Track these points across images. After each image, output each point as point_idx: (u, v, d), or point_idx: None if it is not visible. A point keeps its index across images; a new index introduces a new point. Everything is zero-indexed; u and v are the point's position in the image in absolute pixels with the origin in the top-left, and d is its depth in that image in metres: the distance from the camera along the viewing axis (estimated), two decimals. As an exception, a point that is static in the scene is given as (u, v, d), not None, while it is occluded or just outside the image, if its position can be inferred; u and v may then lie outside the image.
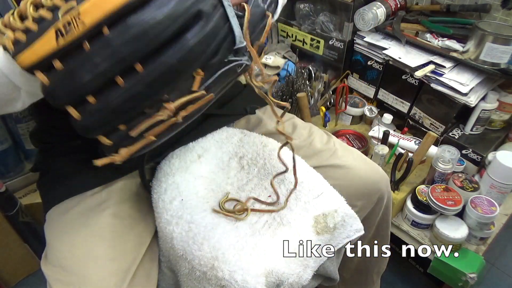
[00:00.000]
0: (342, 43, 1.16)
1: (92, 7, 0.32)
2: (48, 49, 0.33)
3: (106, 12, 0.32)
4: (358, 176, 0.66)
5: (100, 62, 0.33)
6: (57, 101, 0.36)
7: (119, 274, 0.51)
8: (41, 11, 0.34)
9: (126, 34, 0.33)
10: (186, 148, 0.67)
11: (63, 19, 0.33)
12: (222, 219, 0.59)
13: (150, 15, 0.32)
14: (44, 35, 0.33)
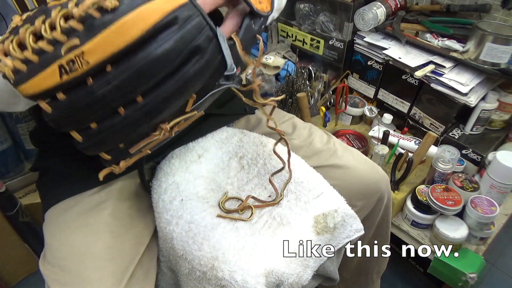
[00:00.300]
0: (342, 43, 1.16)
1: (96, 47, 0.33)
2: (51, 83, 0.34)
3: (110, 53, 0.33)
4: (358, 176, 0.66)
5: (103, 96, 0.35)
6: (59, 128, 0.38)
7: (117, 275, 0.51)
8: (40, 43, 0.34)
9: (129, 72, 0.34)
10: (186, 148, 0.67)
11: (66, 56, 0.33)
12: (222, 219, 0.59)
13: (152, 52, 0.34)
14: (47, 69, 0.34)
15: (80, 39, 0.33)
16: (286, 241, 0.56)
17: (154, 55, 0.34)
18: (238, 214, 0.60)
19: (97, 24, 0.32)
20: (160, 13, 0.33)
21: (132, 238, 0.56)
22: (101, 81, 0.34)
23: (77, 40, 0.33)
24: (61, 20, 0.33)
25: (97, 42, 0.33)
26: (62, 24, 0.33)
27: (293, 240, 0.56)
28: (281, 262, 0.54)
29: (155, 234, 0.62)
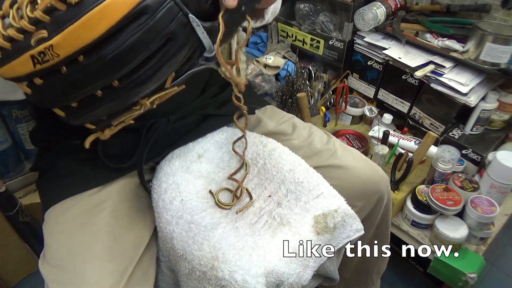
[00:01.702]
0: (342, 43, 1.16)
1: (65, 41, 0.33)
2: (25, 70, 0.35)
3: (78, 47, 0.34)
4: (358, 176, 0.66)
5: (77, 81, 0.36)
6: (41, 106, 0.40)
7: (116, 275, 0.51)
8: (10, 31, 0.34)
9: (101, 62, 0.35)
10: (186, 148, 0.67)
11: (37, 48, 0.34)
12: (222, 219, 0.59)
13: (121, 45, 0.34)
14: (20, 58, 0.34)
15: (48, 31, 0.33)
16: (286, 241, 0.56)
17: (123, 48, 0.34)
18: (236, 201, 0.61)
19: (63, 17, 0.33)
20: (128, 6, 0.33)
21: (132, 239, 0.56)
22: (74, 69, 0.35)
23: (45, 32, 0.33)
24: (27, 8, 0.33)
25: (64, 36, 0.33)
26: (29, 14, 0.33)
27: (293, 240, 0.56)
28: (281, 262, 0.54)
29: (155, 234, 0.62)
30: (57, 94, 0.38)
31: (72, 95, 0.38)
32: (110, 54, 0.34)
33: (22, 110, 0.97)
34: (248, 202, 0.62)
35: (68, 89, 0.37)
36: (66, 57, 0.34)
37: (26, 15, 0.33)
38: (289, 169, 0.64)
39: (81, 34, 0.33)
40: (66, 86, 0.36)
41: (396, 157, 0.97)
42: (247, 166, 0.66)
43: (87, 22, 0.32)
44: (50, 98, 0.38)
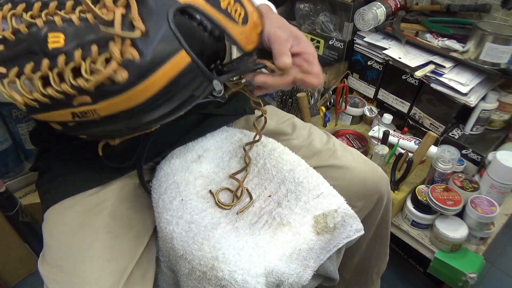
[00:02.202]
0: (342, 43, 1.16)
1: (107, 107, 0.37)
2: (63, 119, 0.38)
3: (118, 111, 0.37)
4: (357, 176, 0.66)
5: (104, 124, 0.39)
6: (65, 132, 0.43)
7: (116, 275, 0.51)
8: (50, 90, 0.35)
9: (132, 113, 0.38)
10: (186, 148, 0.67)
11: (79, 108, 0.36)
12: (222, 219, 0.59)
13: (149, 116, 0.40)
14: (61, 111, 0.37)
15: (92, 98, 0.36)
16: (286, 241, 0.56)
17: (151, 118, 0.40)
18: (236, 201, 0.61)
19: (109, 91, 0.35)
20: (164, 82, 0.37)
21: (131, 239, 0.56)
22: (107, 121, 0.39)
23: (88, 98, 0.35)
24: (70, 74, 0.35)
25: (109, 104, 0.36)
26: (72, 82, 0.35)
27: (293, 240, 0.56)
28: (281, 262, 0.54)
29: (154, 234, 0.62)
30: (83, 130, 0.41)
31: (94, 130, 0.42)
32: (139, 109, 0.38)
33: (22, 110, 0.97)
34: (248, 202, 0.62)
35: (94, 128, 0.40)
36: (105, 116, 0.37)
37: (69, 80, 0.35)
38: (289, 169, 0.64)
39: (123, 103, 0.36)
40: (92, 126, 0.39)
41: (396, 157, 0.97)
42: (249, 165, 0.66)
43: (132, 95, 0.36)
44: (75, 131, 0.42)
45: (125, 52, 0.34)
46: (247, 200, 0.62)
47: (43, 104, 0.36)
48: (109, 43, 0.34)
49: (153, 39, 0.35)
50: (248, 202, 0.62)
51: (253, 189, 0.64)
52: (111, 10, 0.34)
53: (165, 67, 0.36)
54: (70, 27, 0.35)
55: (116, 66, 0.34)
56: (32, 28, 0.35)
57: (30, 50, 0.35)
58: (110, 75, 0.34)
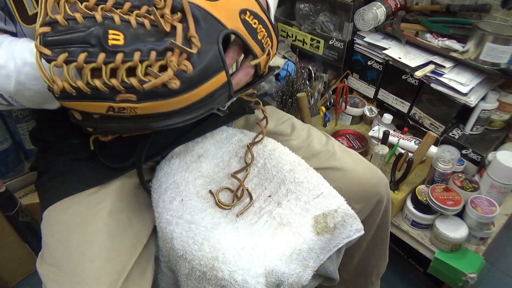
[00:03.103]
0: (342, 43, 1.16)
1: (149, 107, 0.39)
2: (95, 110, 0.39)
3: (156, 112, 0.39)
4: (356, 178, 0.66)
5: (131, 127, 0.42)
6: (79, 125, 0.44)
7: (114, 275, 0.51)
8: (97, 82, 0.37)
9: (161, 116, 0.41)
10: (186, 148, 0.67)
11: (120, 104, 0.38)
12: (222, 219, 0.59)
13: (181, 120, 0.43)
14: (97, 103, 0.38)
15: (138, 97, 0.38)
16: (286, 241, 0.56)
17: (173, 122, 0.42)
18: (237, 201, 0.61)
19: (158, 93, 0.38)
20: (203, 95, 0.41)
21: (130, 238, 0.56)
22: (136, 121, 0.40)
23: (134, 97, 0.38)
24: (124, 72, 0.37)
25: (152, 105, 0.38)
26: (125, 79, 0.37)
27: (293, 240, 0.56)
28: (281, 262, 0.54)
29: (153, 234, 0.62)
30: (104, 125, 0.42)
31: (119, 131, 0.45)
32: (171, 113, 0.41)
33: (22, 110, 0.97)
34: (249, 203, 0.62)
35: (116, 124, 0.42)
36: (141, 115, 0.39)
37: (121, 76, 0.37)
38: (289, 169, 0.64)
39: (165, 106, 0.39)
40: (116, 121, 0.41)
41: (396, 157, 0.97)
42: (249, 165, 0.66)
43: (176, 101, 0.39)
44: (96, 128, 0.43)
45: (181, 63, 0.38)
46: (247, 200, 0.62)
47: (81, 93, 0.37)
48: (167, 53, 0.38)
49: (204, 57, 0.39)
50: (248, 202, 0.62)
51: (253, 189, 0.64)
52: (168, 22, 0.38)
53: (208, 82, 0.40)
54: (129, 28, 0.38)
55: (172, 74, 0.37)
56: (89, 20, 0.37)
57: (85, 41, 0.36)
58: (166, 81, 0.37)
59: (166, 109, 0.40)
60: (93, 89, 0.37)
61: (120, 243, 0.55)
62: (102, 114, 0.39)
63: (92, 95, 0.37)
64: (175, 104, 0.40)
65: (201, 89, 0.40)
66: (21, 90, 0.44)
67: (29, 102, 0.47)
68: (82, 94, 0.37)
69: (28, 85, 0.44)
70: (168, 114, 0.41)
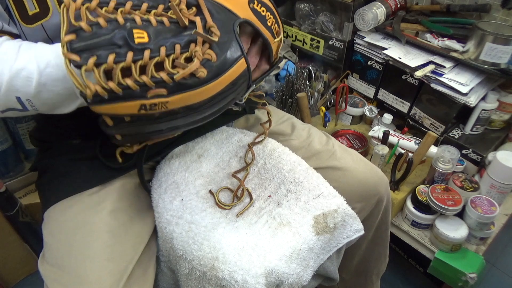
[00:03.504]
0: (342, 43, 1.16)
1: (179, 100, 0.39)
2: (127, 111, 0.39)
3: (185, 105, 0.40)
4: (356, 178, 0.66)
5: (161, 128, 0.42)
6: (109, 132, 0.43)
7: (116, 274, 0.51)
8: (128, 81, 0.37)
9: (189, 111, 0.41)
10: (186, 148, 0.67)
11: (151, 100, 0.38)
12: (222, 219, 0.59)
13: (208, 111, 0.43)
14: (129, 102, 0.38)
15: (168, 90, 0.38)
16: (286, 241, 0.56)
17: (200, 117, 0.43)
18: (237, 201, 0.61)
19: (187, 84, 0.39)
20: (227, 82, 0.42)
21: (131, 238, 0.56)
22: (166, 119, 0.41)
23: (164, 91, 0.38)
24: (153, 67, 0.38)
25: (182, 97, 0.39)
26: (155, 74, 0.38)
27: (293, 240, 0.56)
28: (281, 262, 0.54)
29: (154, 234, 0.62)
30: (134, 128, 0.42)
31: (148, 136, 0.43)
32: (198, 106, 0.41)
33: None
34: (249, 203, 0.62)
35: (150, 131, 0.42)
36: (172, 109, 0.39)
37: (151, 72, 0.38)
38: (289, 169, 0.64)
39: (194, 97, 0.40)
40: (150, 128, 0.41)
41: (396, 157, 0.97)
42: (249, 165, 0.66)
43: (203, 91, 0.40)
44: (130, 137, 0.43)
45: (205, 53, 0.40)
46: (247, 200, 0.62)
47: (114, 95, 0.37)
48: (190, 45, 0.40)
49: (224, 45, 0.41)
50: (248, 202, 0.62)
51: (253, 189, 0.64)
52: (186, 16, 0.40)
53: (231, 70, 0.42)
54: (150, 27, 0.39)
55: (199, 64, 0.39)
56: (112, 23, 0.38)
57: (112, 43, 0.37)
58: (194, 70, 0.38)
59: (195, 101, 0.40)
60: (125, 89, 0.37)
61: (122, 243, 0.55)
62: (134, 115, 0.39)
63: (124, 95, 0.37)
64: (203, 94, 0.40)
65: (225, 77, 0.41)
66: (41, 92, 0.44)
67: (44, 105, 0.47)
68: (114, 95, 0.37)
69: (49, 86, 0.44)
70: (196, 108, 0.41)
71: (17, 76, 0.43)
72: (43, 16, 0.48)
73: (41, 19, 0.48)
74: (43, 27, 0.49)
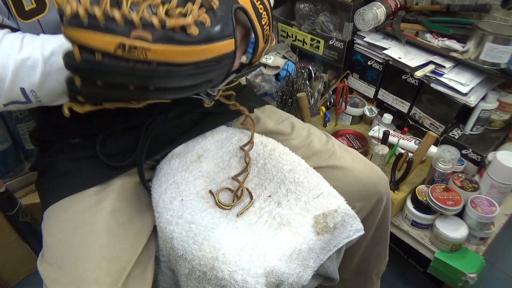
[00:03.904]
0: (342, 43, 1.16)
1: (162, 52, 0.37)
2: (101, 47, 0.35)
3: (166, 61, 0.38)
4: (356, 177, 0.66)
5: (132, 77, 0.39)
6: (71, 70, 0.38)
7: (114, 274, 0.51)
8: (116, 13, 0.35)
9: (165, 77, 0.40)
10: (186, 148, 0.67)
11: (133, 41, 0.36)
12: (222, 219, 0.59)
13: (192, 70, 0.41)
14: (107, 36, 0.35)
15: (153, 36, 0.36)
16: (286, 241, 0.56)
17: (177, 85, 0.41)
18: (237, 201, 0.61)
19: (175, 38, 0.37)
20: (214, 54, 0.41)
21: (130, 238, 0.56)
22: (141, 69, 0.38)
23: (150, 36, 0.36)
24: (145, 8, 0.36)
25: (166, 50, 0.37)
26: (145, 14, 0.36)
27: (293, 240, 0.56)
28: (281, 262, 0.54)
29: (153, 234, 0.62)
30: (102, 75, 0.38)
31: (112, 81, 0.39)
32: (179, 69, 0.40)
33: (22, 110, 0.97)
34: (249, 202, 0.62)
35: (118, 76, 0.38)
36: (150, 60, 0.37)
37: (141, 12, 0.36)
38: (289, 169, 0.64)
39: (178, 55, 0.38)
40: (120, 74, 0.38)
41: (396, 157, 0.97)
42: (249, 166, 0.66)
43: (189, 52, 0.38)
44: (92, 73, 0.38)
45: (200, 16, 0.39)
46: (247, 200, 0.62)
47: (94, 22, 0.35)
48: (188, 3, 0.39)
49: (220, 18, 0.41)
50: (248, 202, 0.62)
51: (253, 189, 0.64)
52: None
53: (220, 43, 0.41)
54: None
55: (193, 20, 0.38)
56: None
57: None
58: (187, 24, 0.37)
59: (176, 59, 0.38)
60: (109, 20, 0.35)
61: (121, 243, 0.55)
62: (107, 54, 0.36)
63: (105, 26, 0.35)
64: (186, 55, 0.39)
65: (213, 47, 0.40)
66: (46, 81, 0.44)
67: (48, 96, 0.46)
68: (95, 23, 0.35)
69: (54, 75, 0.44)
70: (172, 72, 0.39)
71: (22, 66, 0.43)
72: (40, 12, 0.48)
73: (37, 14, 0.48)
74: (39, 23, 0.49)
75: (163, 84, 0.41)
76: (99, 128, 0.61)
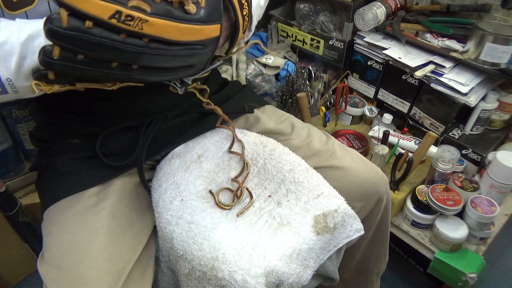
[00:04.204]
0: (342, 43, 1.16)
1: (158, 27, 0.36)
2: (97, 13, 0.33)
3: (161, 36, 0.37)
4: (356, 177, 0.66)
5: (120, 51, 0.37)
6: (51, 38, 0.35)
7: (114, 275, 0.51)
8: None
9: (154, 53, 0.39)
10: (186, 148, 0.67)
11: (130, 11, 0.34)
12: (222, 219, 0.59)
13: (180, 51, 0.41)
14: (103, 3, 0.33)
15: (151, 8, 0.35)
16: (286, 241, 0.56)
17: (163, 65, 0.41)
18: (237, 201, 0.61)
19: (173, 14, 0.37)
20: (203, 36, 0.41)
21: (130, 238, 0.56)
22: (132, 44, 0.36)
23: (148, 8, 0.35)
24: None
25: (163, 24, 0.36)
26: None
27: (293, 240, 0.56)
28: (281, 262, 0.54)
29: (153, 234, 0.62)
30: (87, 44, 0.36)
31: (95, 53, 0.37)
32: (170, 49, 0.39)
33: (22, 110, 0.97)
34: (248, 202, 0.62)
35: (105, 50, 0.36)
36: (145, 33, 0.36)
37: None
38: (289, 169, 0.64)
39: (173, 32, 0.38)
40: (108, 48, 0.36)
41: (396, 157, 0.97)
42: (248, 166, 0.66)
43: (184, 29, 0.38)
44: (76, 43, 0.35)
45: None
46: (247, 200, 0.62)
47: None
48: None
49: (211, 3, 0.41)
50: (248, 202, 0.62)
51: (253, 189, 0.64)
52: None
53: (210, 26, 0.41)
54: None
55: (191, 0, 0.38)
56: None
57: None
58: (185, 0, 0.37)
59: (170, 36, 0.38)
60: None
61: (121, 243, 0.55)
62: (99, 21, 0.34)
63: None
64: (181, 33, 0.39)
65: (204, 29, 0.41)
66: (22, 66, 0.42)
67: (24, 88, 0.44)
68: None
69: (29, 60, 0.42)
70: (162, 51, 0.39)
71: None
72: (29, 3, 0.46)
73: (25, 6, 0.46)
74: (26, 14, 0.47)
75: (149, 62, 0.39)
76: (99, 128, 0.61)
